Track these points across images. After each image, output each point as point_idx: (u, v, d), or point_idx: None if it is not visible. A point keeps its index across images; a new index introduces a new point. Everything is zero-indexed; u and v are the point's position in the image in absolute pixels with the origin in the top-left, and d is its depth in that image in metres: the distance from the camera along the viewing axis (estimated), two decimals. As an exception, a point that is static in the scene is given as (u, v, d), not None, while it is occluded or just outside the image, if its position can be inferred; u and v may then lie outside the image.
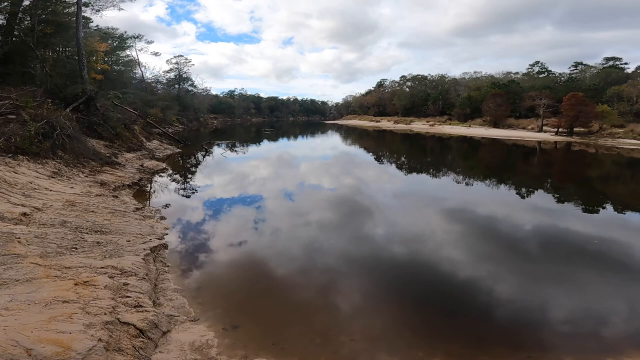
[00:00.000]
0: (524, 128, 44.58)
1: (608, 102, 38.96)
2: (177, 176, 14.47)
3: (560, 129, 38.33)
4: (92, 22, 24.27)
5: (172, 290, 5.03)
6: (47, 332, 3.11)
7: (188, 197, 11.20)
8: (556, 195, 13.33)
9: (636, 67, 48.76)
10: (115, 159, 13.15)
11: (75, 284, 4.08)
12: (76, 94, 14.67)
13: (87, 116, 14.38)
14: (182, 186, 12.62)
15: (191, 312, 4.58)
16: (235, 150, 25.73)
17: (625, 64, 51.27)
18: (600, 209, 11.10)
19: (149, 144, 19.75)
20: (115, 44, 28.37)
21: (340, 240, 7.85)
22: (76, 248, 5.35)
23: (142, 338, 3.63)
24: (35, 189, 7.89)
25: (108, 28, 29.39)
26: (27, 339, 2.94)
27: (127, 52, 32.94)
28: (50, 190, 8.19)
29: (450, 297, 5.41)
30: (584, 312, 5.01)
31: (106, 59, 23.44)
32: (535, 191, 13.88)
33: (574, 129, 37.49)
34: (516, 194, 13.39)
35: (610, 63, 52.28)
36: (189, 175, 15.07)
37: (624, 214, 10.64)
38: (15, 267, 4.22)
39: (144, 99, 27.45)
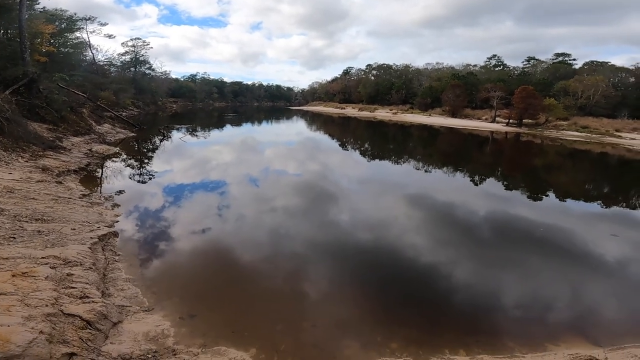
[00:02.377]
0: (479, 118, 46.96)
1: (555, 96, 41.98)
2: (131, 161, 13.68)
3: (511, 120, 40.87)
4: (38, 3, 22.73)
5: (124, 280, 4.80)
6: None
7: (143, 182, 10.64)
8: (505, 183, 14.33)
9: (583, 64, 52.25)
10: (60, 143, 12.18)
11: (13, 276, 3.78)
12: (16, 76, 13.62)
13: (28, 99, 13.36)
14: (137, 172, 11.96)
15: (145, 302, 4.40)
16: (196, 135, 24.74)
17: (574, 59, 55.06)
18: (544, 196, 12.05)
19: (99, 127, 18.48)
20: (63, 26, 26.37)
21: (303, 227, 7.88)
22: (14, 238, 4.92)
23: (90, 329, 3.45)
24: None
25: (56, 10, 27.27)
26: None
27: (77, 34, 30.65)
28: (-15, 177, 7.43)
29: (408, 283, 5.61)
30: (529, 298, 5.27)
31: (52, 41, 21.64)
32: (487, 179, 14.83)
33: (523, 120, 40.18)
34: (470, 181, 14.21)
35: (560, 59, 55.70)
36: (145, 161, 14.31)
37: (565, 201, 11.62)
38: None
39: (95, 82, 25.71)
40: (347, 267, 6.05)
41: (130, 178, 10.93)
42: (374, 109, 64.86)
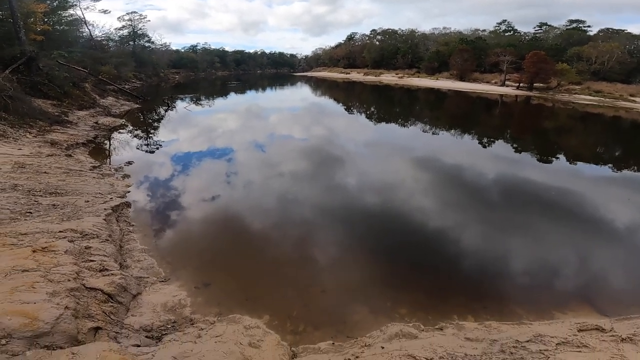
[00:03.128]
0: (487, 82, 45.39)
1: (568, 62, 40.11)
2: (138, 132, 13.61)
3: (521, 84, 39.44)
4: (27, -16, 21.57)
5: (139, 250, 4.88)
6: (11, 303, 2.98)
7: (151, 152, 10.63)
8: (514, 145, 14.05)
9: (598, 31, 49.45)
10: (66, 118, 12.18)
11: (34, 251, 3.86)
12: (14, 55, 13.52)
13: (29, 77, 13.34)
14: (145, 142, 11.92)
15: (161, 273, 4.49)
16: (200, 104, 24.35)
17: (588, 26, 51.94)
18: (554, 159, 11.82)
19: (103, 101, 18.39)
20: (55, 4, 25.49)
21: (311, 192, 7.86)
22: (31, 212, 4.99)
23: (112, 303, 3.55)
24: None
25: (46, -12, 25.86)
26: None
27: (71, 11, 29.67)
28: (-4, 153, 7.44)
29: (416, 248, 5.61)
30: (537, 265, 5.20)
31: (46, 19, 21.02)
32: (496, 142, 14.52)
33: (534, 84, 38.74)
34: (478, 144, 13.98)
35: (574, 25, 52.69)
36: (151, 131, 14.23)
37: (576, 164, 11.40)
38: None
39: (94, 57, 25.37)
40: (356, 233, 6.07)
41: (138, 148, 10.91)
42: (380, 74, 62.80)
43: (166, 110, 19.95)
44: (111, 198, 6.08)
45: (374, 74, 63.82)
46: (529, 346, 3.26)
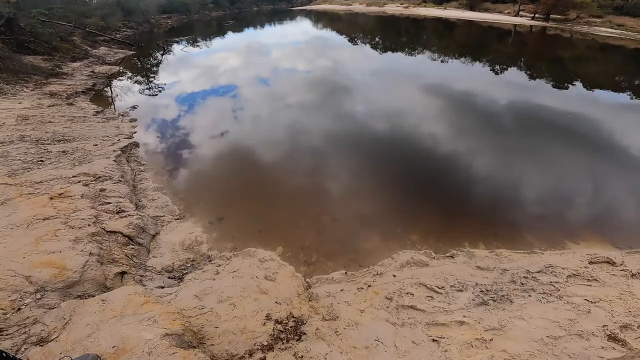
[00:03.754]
0: (500, 12, 41.46)
1: (589, -5, 35.97)
2: (137, 77, 13.07)
3: (536, 15, 35.99)
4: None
5: (152, 189, 4.87)
6: (39, 254, 3.01)
7: (154, 95, 10.26)
8: (529, 72, 13.24)
9: None
10: (60, 70, 11.85)
11: (51, 198, 3.86)
12: None
13: (12, 37, 12.68)
14: (145, 86, 11.47)
15: (175, 210, 4.50)
16: (198, 45, 22.96)
17: None
18: (571, 86, 11.17)
19: (96, 51, 17.69)
20: None
21: (318, 122, 7.62)
22: (42, 161, 4.95)
23: (133, 245, 3.60)
24: None
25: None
26: (22, 267, 2.85)
27: None
28: (-3, 109, 7.24)
29: (426, 176, 5.47)
30: (550, 194, 5.06)
31: None
32: (508, 69, 13.70)
33: (551, 15, 35.27)
34: (490, 71, 13.22)
35: None
36: (151, 75, 13.63)
37: (593, 91, 10.75)
38: None
39: (77, 11, 23.68)
40: (365, 160, 5.94)
41: (140, 93, 10.53)
42: (383, 4, 57.43)
43: (162, 54, 18.92)
44: (119, 140, 6.00)
45: (377, 4, 58.53)
46: (540, 277, 3.30)
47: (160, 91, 10.75)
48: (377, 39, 23.88)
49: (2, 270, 2.77)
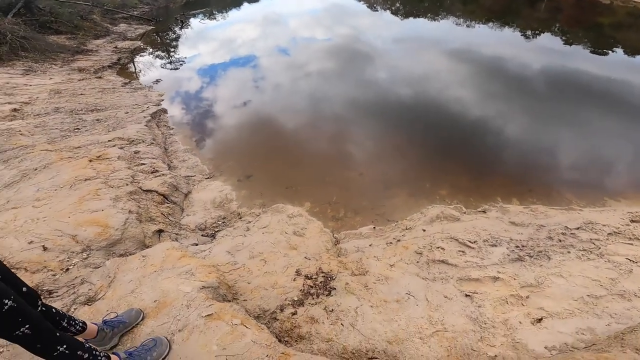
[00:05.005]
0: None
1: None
2: (159, 51, 12.92)
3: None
4: None
5: (182, 151, 4.91)
6: (82, 214, 3.05)
7: (176, 68, 10.08)
8: (564, 38, 11.99)
9: None
10: (85, 47, 11.87)
11: (90, 161, 3.94)
12: (9, 2, 12.56)
13: (33, 18, 12.69)
14: (168, 59, 11.32)
15: (205, 170, 4.53)
16: (215, 18, 22.37)
17: None
18: (610, 52, 9.98)
19: (116, 28, 17.57)
20: None
21: (342, 87, 7.28)
22: (78, 129, 5.05)
23: (168, 203, 3.63)
24: (13, 87, 7.14)
25: None
26: (68, 226, 2.89)
27: None
28: (30, 85, 7.43)
29: (455, 135, 5.15)
30: (588, 151, 4.71)
31: None
32: (542, 34, 12.36)
33: None
34: (521, 36, 12.00)
35: None
36: (172, 49, 13.43)
37: (635, 57, 9.56)
38: (28, 158, 4.01)
39: None
40: (392, 117, 5.69)
41: (162, 67, 10.38)
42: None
43: (181, 28, 18.59)
44: (147, 107, 6.03)
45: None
46: (579, 234, 3.04)
47: (182, 64, 10.54)
48: (397, 4, 22.40)
49: (50, 230, 2.82)
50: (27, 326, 1.31)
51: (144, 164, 4.04)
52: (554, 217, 3.36)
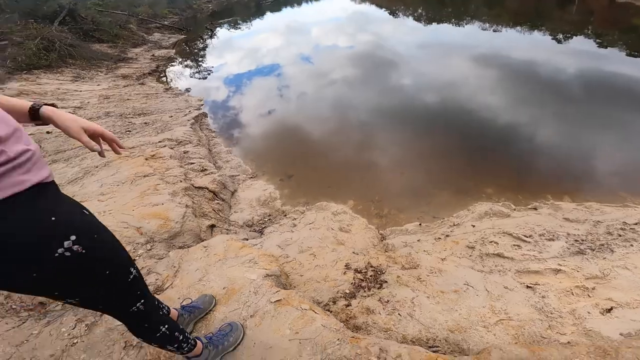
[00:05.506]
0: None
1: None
2: (192, 59, 13.50)
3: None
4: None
5: (225, 152, 5.07)
6: (145, 207, 3.16)
7: (210, 74, 10.52)
8: (598, 40, 11.52)
9: None
10: (125, 55, 12.50)
11: (146, 159, 4.12)
12: (54, 10, 13.36)
13: (77, 26, 13.43)
14: (201, 66, 11.82)
15: (248, 170, 4.64)
16: (239, 27, 23.04)
17: None
18: None
19: (151, 37, 18.41)
20: None
21: (376, 92, 7.24)
22: (130, 131, 5.32)
23: (217, 200, 3.73)
24: (65, 93, 7.60)
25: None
26: (132, 219, 2.99)
27: None
28: (80, 91, 7.89)
29: (496, 137, 5.05)
30: (638, 152, 4.45)
31: None
32: (575, 37, 11.91)
33: None
34: (552, 39, 11.65)
35: None
36: (203, 56, 14.00)
37: None
38: (88, 157, 4.25)
39: (126, 1, 24.79)
40: (430, 123, 5.64)
41: (197, 72, 10.85)
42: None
43: (210, 37, 19.30)
44: (189, 111, 6.28)
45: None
46: (639, 229, 2.95)
47: (214, 70, 10.95)
48: (420, 11, 22.19)
49: (116, 222, 2.95)
50: (142, 301, 1.20)
51: (193, 162, 4.20)
52: (610, 213, 3.24)
